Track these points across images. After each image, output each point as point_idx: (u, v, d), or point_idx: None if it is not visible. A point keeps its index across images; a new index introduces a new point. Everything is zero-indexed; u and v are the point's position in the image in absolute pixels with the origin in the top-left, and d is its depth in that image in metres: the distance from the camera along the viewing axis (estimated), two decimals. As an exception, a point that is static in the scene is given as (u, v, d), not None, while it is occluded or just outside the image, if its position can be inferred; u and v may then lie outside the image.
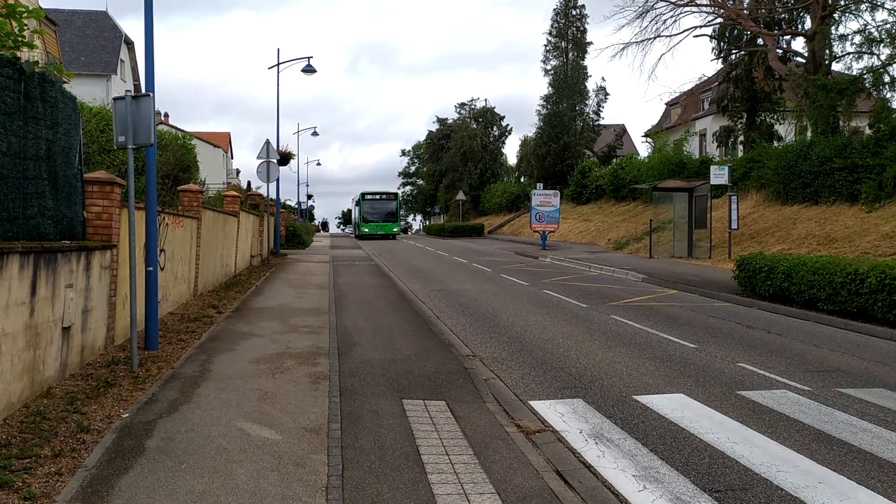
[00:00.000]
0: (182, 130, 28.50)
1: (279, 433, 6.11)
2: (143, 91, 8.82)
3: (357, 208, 58.90)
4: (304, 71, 28.11)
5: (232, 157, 68.89)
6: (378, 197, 55.03)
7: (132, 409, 6.71)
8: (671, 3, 30.67)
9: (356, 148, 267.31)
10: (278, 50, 35.90)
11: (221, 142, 60.20)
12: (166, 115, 51.93)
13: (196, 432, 6.05)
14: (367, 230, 53.03)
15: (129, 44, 42.09)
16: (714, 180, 24.84)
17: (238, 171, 70.64)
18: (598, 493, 5.17)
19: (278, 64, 28.66)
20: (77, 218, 8.26)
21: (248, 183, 40.64)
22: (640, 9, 31.15)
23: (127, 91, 9.04)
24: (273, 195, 29.16)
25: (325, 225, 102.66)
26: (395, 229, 53.91)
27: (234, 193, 21.34)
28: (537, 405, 7.46)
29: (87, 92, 24.45)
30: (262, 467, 5.32)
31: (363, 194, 54.73)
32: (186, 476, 5.13)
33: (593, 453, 6.01)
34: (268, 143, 24.77)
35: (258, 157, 24.70)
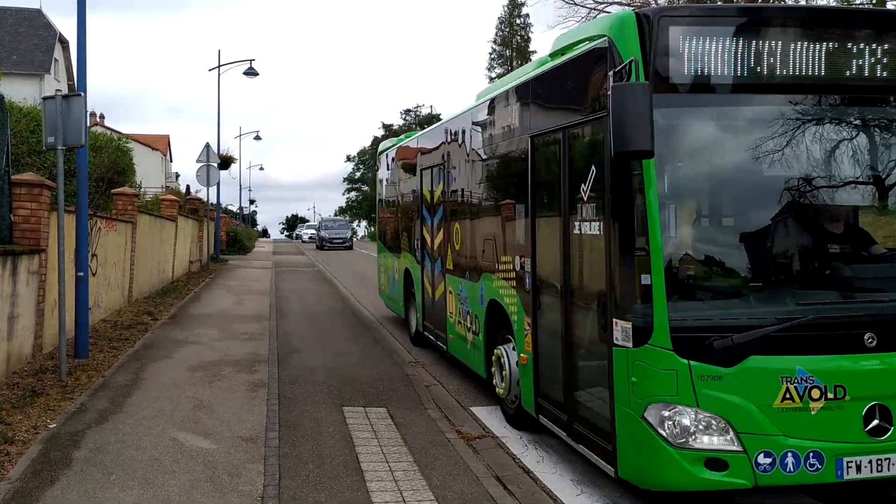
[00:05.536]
0: (118, 132, 27.67)
1: (214, 442, 5.97)
2: (76, 90, 8.53)
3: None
4: (245, 74, 27.73)
5: (171, 161, 67.28)
6: None
7: (60, 419, 6.47)
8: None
9: (309, 153, 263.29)
10: (219, 52, 35.44)
11: (160, 144, 58.73)
12: (101, 117, 50.31)
13: (127, 443, 5.87)
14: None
15: (64, 42, 40.88)
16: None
17: (177, 175, 68.90)
18: (536, 498, 5.20)
19: (219, 66, 28.22)
20: (3, 221, 7.96)
21: (188, 187, 39.33)
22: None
23: (57, 91, 8.75)
24: (213, 200, 28.61)
25: (265, 232, 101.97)
26: None
27: (172, 198, 20.86)
28: (479, 411, 7.48)
29: (18, 91, 23.56)
30: (195, 478, 5.18)
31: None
32: (115, 488, 4.96)
33: (533, 459, 6.04)
34: (207, 146, 24.37)
35: (198, 161, 24.27)
